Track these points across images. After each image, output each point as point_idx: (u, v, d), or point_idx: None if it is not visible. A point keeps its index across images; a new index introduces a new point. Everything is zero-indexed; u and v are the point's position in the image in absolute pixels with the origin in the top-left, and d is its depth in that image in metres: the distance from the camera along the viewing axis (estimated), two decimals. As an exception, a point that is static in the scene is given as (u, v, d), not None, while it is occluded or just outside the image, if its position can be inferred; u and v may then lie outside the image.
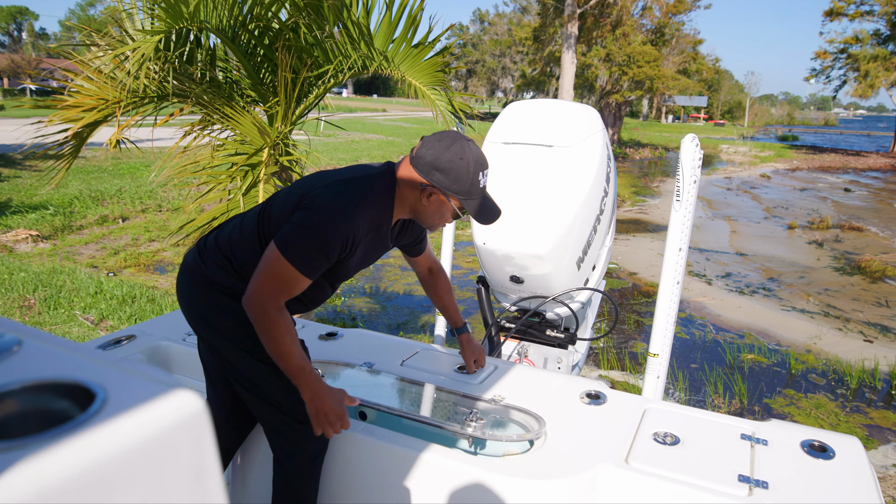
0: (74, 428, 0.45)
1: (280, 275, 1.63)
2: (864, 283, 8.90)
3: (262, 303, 1.62)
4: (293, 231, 1.64)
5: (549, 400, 1.97)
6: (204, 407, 0.51)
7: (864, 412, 4.93)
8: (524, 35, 35.45)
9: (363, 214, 1.68)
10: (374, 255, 1.87)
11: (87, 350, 0.58)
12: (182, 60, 3.20)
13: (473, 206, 1.75)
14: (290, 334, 1.65)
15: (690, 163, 2.40)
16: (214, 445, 0.51)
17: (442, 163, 1.69)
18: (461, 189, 1.70)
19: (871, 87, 33.08)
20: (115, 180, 12.75)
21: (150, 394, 0.50)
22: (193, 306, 1.82)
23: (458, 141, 1.72)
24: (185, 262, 1.86)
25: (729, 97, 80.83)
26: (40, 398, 0.50)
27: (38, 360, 0.56)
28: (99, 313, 5.74)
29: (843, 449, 1.69)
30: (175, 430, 0.48)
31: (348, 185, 1.71)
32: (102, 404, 0.48)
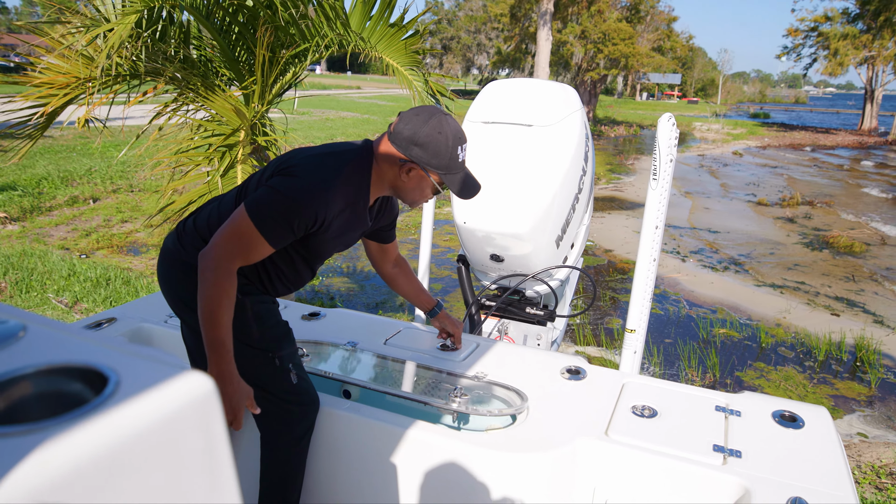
0: (91, 411, 0.47)
1: (241, 234, 1.61)
2: (832, 258, 9.14)
3: (216, 259, 1.61)
4: (264, 193, 1.64)
5: (531, 376, 2.02)
6: (213, 388, 0.52)
7: (831, 383, 5.10)
8: (499, 11, 35.18)
9: (339, 190, 1.67)
10: (352, 234, 1.86)
11: (93, 334, 0.59)
12: (155, 38, 3.14)
13: (453, 181, 1.74)
14: (228, 303, 1.62)
15: (667, 142, 2.44)
16: (224, 425, 0.53)
17: (420, 137, 1.68)
18: (440, 164, 1.70)
19: (840, 65, 33.57)
20: (85, 160, 12.46)
21: (161, 376, 0.51)
22: (175, 290, 1.81)
23: (435, 115, 1.71)
24: (164, 247, 1.85)
25: (702, 75, 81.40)
26: (54, 382, 0.51)
27: (45, 344, 0.57)
28: (73, 296, 5.66)
29: (812, 419, 1.77)
30: (187, 411, 0.50)
31: (328, 160, 1.70)
32: (116, 387, 0.50)
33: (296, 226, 1.62)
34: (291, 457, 1.86)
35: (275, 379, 1.77)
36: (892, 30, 31.69)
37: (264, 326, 1.79)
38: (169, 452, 0.49)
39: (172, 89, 3.42)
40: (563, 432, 1.71)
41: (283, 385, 1.78)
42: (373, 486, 1.83)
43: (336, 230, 1.75)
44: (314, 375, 2.03)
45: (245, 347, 1.74)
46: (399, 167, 1.73)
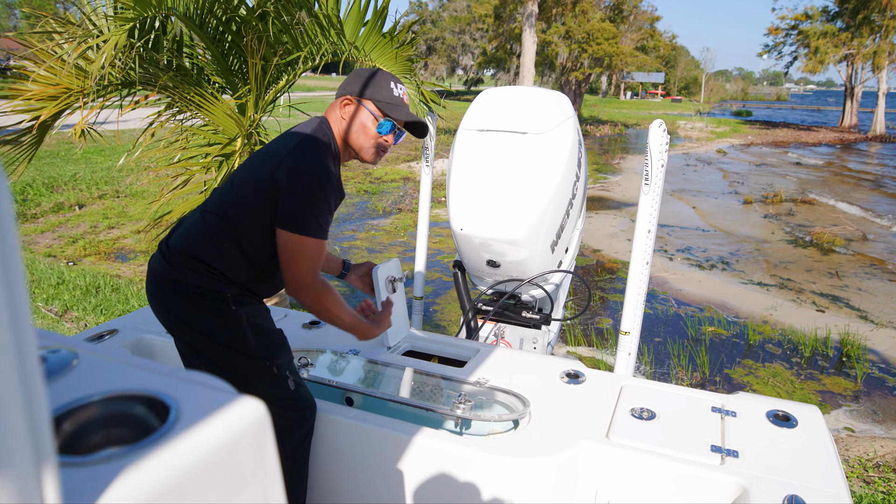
0: (157, 440, 0.50)
1: (309, 253, 1.71)
2: (816, 254, 9.30)
3: (308, 286, 1.73)
4: (299, 209, 1.71)
5: (531, 380, 2.06)
6: (266, 413, 0.56)
7: (818, 379, 5.20)
8: (483, 12, 35.27)
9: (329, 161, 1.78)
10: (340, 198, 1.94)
11: (145, 363, 0.62)
12: (147, 48, 3.14)
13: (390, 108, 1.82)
14: (338, 302, 1.79)
15: (658, 147, 2.49)
16: (275, 448, 0.56)
17: (350, 78, 1.83)
18: (371, 91, 1.81)
19: (820, 62, 34.03)
20: (69, 166, 12.36)
21: (218, 403, 0.54)
22: (168, 310, 1.82)
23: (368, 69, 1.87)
24: (151, 269, 1.85)
25: (685, 73, 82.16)
26: (119, 409, 0.54)
27: (99, 372, 0.60)
28: (63, 304, 5.63)
29: (805, 418, 1.83)
30: (244, 436, 0.53)
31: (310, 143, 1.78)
32: (178, 415, 0.53)
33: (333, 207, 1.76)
34: (293, 462, 1.88)
35: (272, 387, 1.79)
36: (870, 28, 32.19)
37: (260, 335, 1.81)
38: (229, 476, 0.52)
39: (164, 97, 3.43)
40: (565, 436, 1.75)
41: (281, 392, 1.80)
42: (376, 493, 1.87)
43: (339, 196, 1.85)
44: (317, 383, 2.05)
45: (241, 357, 1.77)
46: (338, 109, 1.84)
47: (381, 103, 1.81)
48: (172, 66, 3.20)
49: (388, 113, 1.82)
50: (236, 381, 1.74)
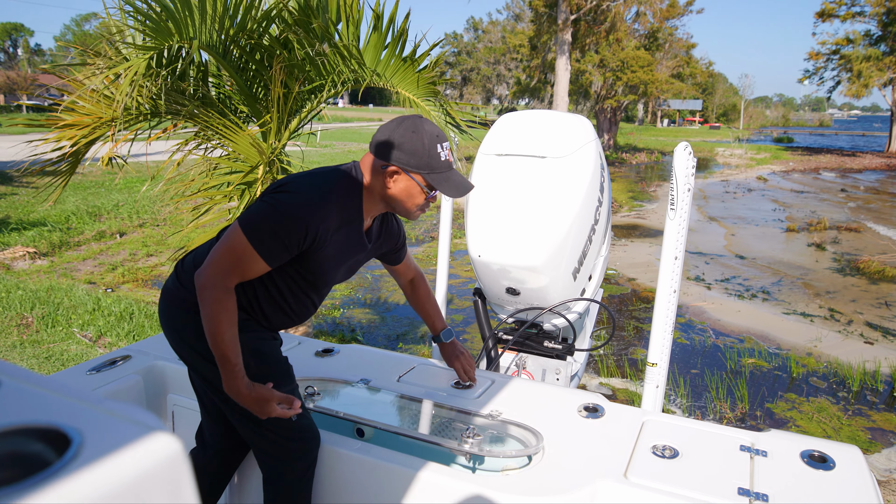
0: (48, 477, 0.44)
1: (235, 249, 1.62)
2: (864, 284, 8.90)
3: (211, 277, 1.61)
4: (256, 206, 1.66)
5: (547, 414, 1.96)
6: (181, 450, 0.50)
7: (867, 415, 4.91)
8: (518, 42, 35.61)
9: (331, 205, 1.67)
10: (352, 257, 1.84)
11: (68, 389, 0.57)
12: (174, 77, 3.20)
13: (439, 180, 1.72)
14: (229, 320, 1.62)
15: (684, 171, 2.39)
16: (193, 488, 0.50)
17: (395, 139, 1.69)
18: (420, 162, 1.69)
19: (864, 87, 33.22)
20: (112, 195, 12.76)
21: (128, 437, 0.49)
22: (175, 330, 1.80)
23: (408, 119, 1.73)
24: (164, 288, 1.85)
25: (723, 100, 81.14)
26: (14, 444, 0.49)
27: (16, 401, 0.55)
28: (97, 330, 5.72)
29: (844, 459, 1.68)
30: (152, 474, 0.47)
31: (319, 178, 1.72)
32: (78, 449, 0.47)
33: (287, 239, 1.62)
34: (294, 495, 1.82)
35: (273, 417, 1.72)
36: (916, 51, 31.34)
37: (262, 364, 1.77)
38: (132, 519, 0.46)
39: (192, 127, 3.49)
40: (580, 474, 1.64)
41: (282, 423, 1.74)
42: (385, 529, 1.78)
43: (333, 250, 1.74)
44: (326, 414, 1.99)
45: None
46: (382, 175, 1.72)
47: (430, 176, 1.71)
48: (198, 95, 3.25)
49: (437, 186, 1.73)
50: (237, 407, 1.69)
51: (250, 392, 1.63)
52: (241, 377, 1.63)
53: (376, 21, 3.13)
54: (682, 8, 30.52)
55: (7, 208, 11.08)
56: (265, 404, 1.64)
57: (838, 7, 33.47)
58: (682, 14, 30.82)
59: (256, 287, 1.76)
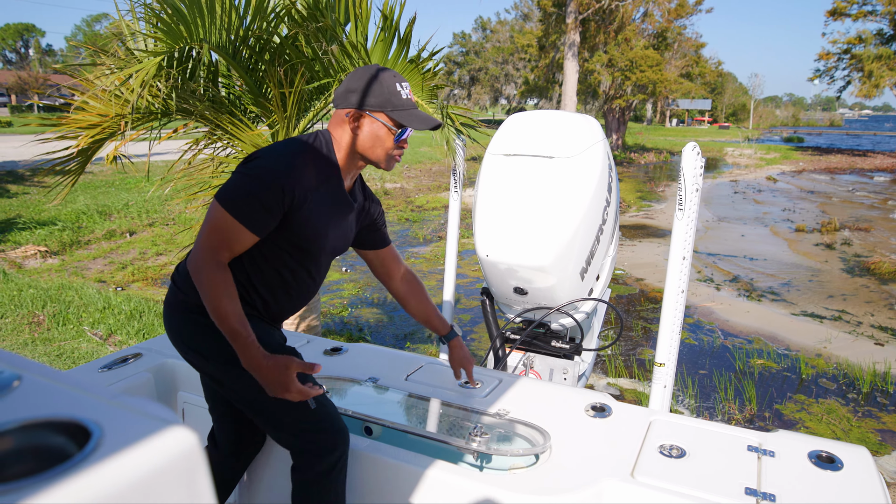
0: (71, 468, 0.46)
1: (218, 225, 1.59)
2: (874, 284, 8.84)
3: (201, 257, 1.58)
4: (231, 179, 1.64)
5: (554, 413, 1.97)
6: (198, 443, 0.51)
7: (877, 417, 4.88)
8: (526, 42, 35.56)
9: (304, 161, 1.65)
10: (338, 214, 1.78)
11: (85, 385, 0.58)
12: (185, 77, 3.23)
13: (402, 116, 1.69)
14: (228, 294, 1.58)
15: (692, 171, 2.39)
16: (209, 480, 0.52)
17: (353, 84, 1.68)
18: (381, 100, 1.66)
19: (875, 86, 32.95)
20: (122, 194, 12.85)
21: (145, 431, 0.50)
22: (179, 335, 1.77)
23: (367, 67, 1.72)
24: (165, 300, 1.82)
25: (733, 99, 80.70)
26: (37, 437, 0.51)
27: (36, 396, 0.56)
28: (107, 328, 5.77)
29: (852, 459, 1.68)
30: (170, 467, 0.49)
31: (290, 141, 1.73)
32: (98, 443, 0.49)
33: (266, 202, 1.58)
34: (325, 491, 1.73)
35: (292, 408, 1.67)
36: (929, 50, 31.07)
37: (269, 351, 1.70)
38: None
39: (202, 126, 3.51)
40: (587, 473, 1.65)
41: (301, 414, 1.68)
42: (393, 527, 1.79)
43: (318, 210, 1.69)
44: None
45: (251, 378, 1.63)
46: (346, 123, 1.70)
47: (394, 113, 1.68)
48: (208, 94, 3.27)
49: (404, 122, 1.69)
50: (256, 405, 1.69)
51: (268, 361, 1.57)
52: (257, 347, 1.58)
53: (384, 22, 3.15)
54: (691, 7, 30.39)
55: (19, 207, 11.18)
56: (284, 373, 1.57)
57: (850, 6, 33.22)
58: (691, 13, 30.69)
59: (250, 272, 1.72)
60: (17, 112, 37.11)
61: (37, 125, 3.79)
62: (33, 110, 36.97)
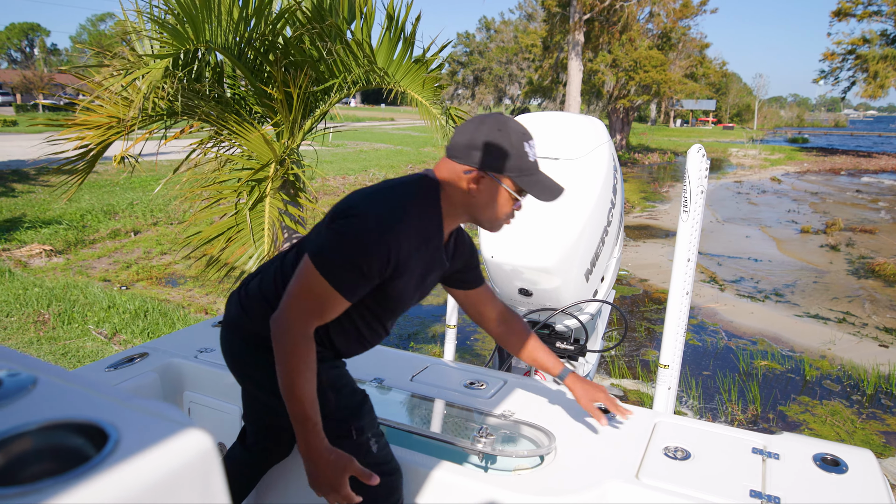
0: (90, 470, 0.47)
1: (312, 290, 1.43)
2: (879, 286, 8.83)
3: (289, 323, 1.44)
4: (328, 239, 1.45)
5: (560, 414, 1.97)
6: (212, 445, 0.52)
7: (881, 419, 4.88)
8: (530, 42, 35.55)
9: (409, 224, 1.46)
10: (430, 278, 1.63)
11: (101, 387, 0.59)
12: (191, 78, 3.24)
13: (530, 183, 1.50)
14: (309, 372, 1.44)
15: (697, 173, 2.39)
16: (223, 482, 0.52)
17: (479, 140, 1.47)
18: (508, 164, 1.47)
19: (880, 87, 32.85)
20: (127, 194, 12.88)
21: (162, 434, 0.51)
22: (242, 366, 1.68)
23: (490, 116, 1.52)
24: (227, 314, 1.69)
25: (737, 100, 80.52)
26: (55, 438, 0.51)
27: (53, 398, 0.57)
28: (112, 327, 5.79)
29: (857, 462, 1.68)
30: (186, 469, 0.50)
31: (389, 193, 1.51)
32: (115, 445, 0.49)
33: (367, 270, 1.42)
34: None
35: (354, 450, 1.57)
36: (934, 51, 30.97)
37: (340, 395, 1.63)
38: (166, 511, 0.48)
39: (208, 127, 3.53)
40: (592, 474, 1.65)
41: (363, 458, 1.59)
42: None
43: (413, 273, 1.53)
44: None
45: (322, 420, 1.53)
46: (465, 181, 1.50)
47: (520, 179, 1.49)
48: (213, 95, 3.29)
49: (529, 190, 1.50)
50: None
51: (329, 455, 1.46)
52: (322, 437, 1.46)
53: (389, 22, 3.16)
54: (695, 7, 30.33)
55: (24, 206, 11.23)
56: (341, 475, 1.45)
57: (855, 6, 33.11)
58: (695, 14, 30.62)
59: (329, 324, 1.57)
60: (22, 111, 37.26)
61: (44, 125, 3.81)
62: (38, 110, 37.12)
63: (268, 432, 1.85)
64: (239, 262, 3.31)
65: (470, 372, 2.29)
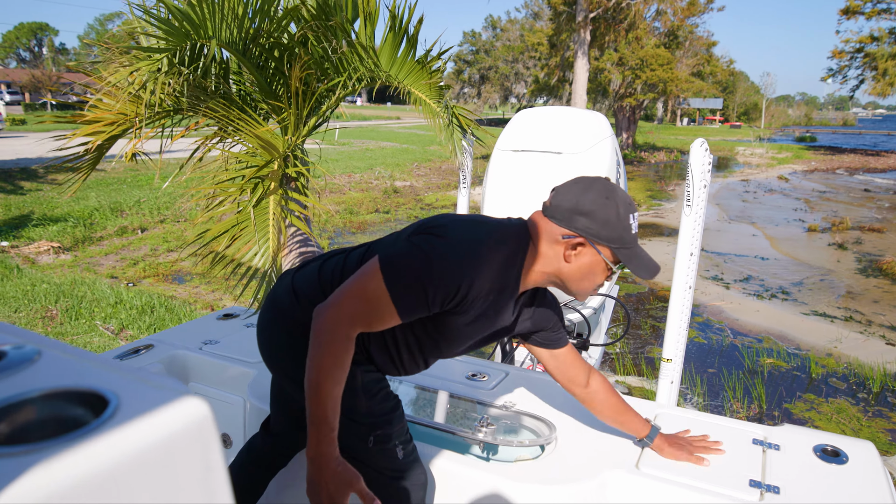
0: (89, 433, 0.48)
1: (368, 294, 1.37)
2: (886, 285, 8.78)
3: (334, 320, 1.36)
4: (405, 248, 1.39)
5: (561, 405, 1.98)
6: (209, 413, 0.53)
7: (887, 417, 4.86)
8: (536, 40, 35.49)
9: (490, 265, 1.38)
10: (489, 326, 1.53)
11: (102, 359, 0.60)
12: (197, 74, 3.26)
13: (630, 256, 1.44)
14: (340, 374, 1.37)
15: (700, 167, 2.40)
16: (220, 449, 0.54)
17: (585, 205, 1.40)
18: (612, 235, 1.40)
19: (889, 85, 32.62)
20: (134, 192, 12.95)
21: (161, 400, 0.52)
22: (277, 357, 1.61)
23: (598, 181, 1.45)
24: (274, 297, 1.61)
25: (745, 99, 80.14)
26: (58, 405, 0.53)
27: (56, 369, 0.59)
28: (119, 323, 5.84)
29: (857, 453, 1.68)
30: (183, 434, 0.51)
31: (482, 228, 1.44)
32: (115, 410, 0.51)
33: (431, 296, 1.36)
34: None
35: (380, 454, 1.55)
36: (944, 49, 30.75)
37: (374, 400, 1.56)
38: (164, 472, 0.49)
39: (213, 123, 3.54)
40: (592, 464, 1.66)
41: (388, 462, 1.57)
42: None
43: (475, 317, 1.46)
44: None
45: (349, 422, 1.49)
46: (563, 245, 1.43)
47: (621, 252, 1.43)
48: (219, 91, 3.31)
49: (628, 264, 1.45)
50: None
51: (336, 466, 1.38)
52: (335, 445, 1.39)
53: (392, 21, 3.17)
54: (702, 6, 30.21)
55: (32, 204, 11.31)
56: (344, 489, 1.37)
57: (864, 4, 32.90)
58: (702, 12, 30.49)
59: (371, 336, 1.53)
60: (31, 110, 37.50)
61: (52, 122, 3.84)
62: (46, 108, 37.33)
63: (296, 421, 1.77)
64: (245, 259, 3.33)
65: (472, 364, 2.31)
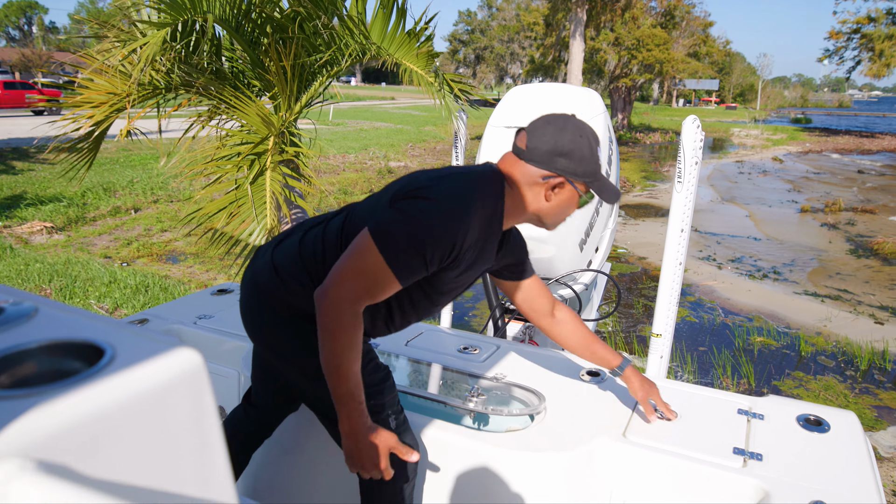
0: (84, 379, 0.50)
1: (367, 269, 1.36)
2: (877, 265, 8.86)
3: (339, 300, 1.35)
4: (395, 217, 1.39)
5: (551, 377, 2.02)
6: (202, 362, 0.55)
7: (874, 393, 4.93)
8: (532, 20, 35.22)
9: (479, 217, 1.41)
10: (474, 273, 1.57)
11: (98, 316, 0.62)
12: (188, 51, 3.24)
13: (601, 188, 1.50)
14: (356, 350, 1.38)
15: (691, 144, 2.42)
16: (212, 396, 0.56)
17: (564, 146, 1.44)
18: (587, 170, 1.46)
19: (885, 66, 32.59)
20: (127, 171, 12.88)
21: (154, 351, 0.54)
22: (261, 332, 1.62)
23: (570, 119, 1.50)
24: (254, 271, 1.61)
25: (741, 80, 79.88)
26: (55, 356, 0.55)
27: (53, 323, 0.61)
28: (113, 302, 5.85)
29: (839, 423, 1.72)
30: (176, 383, 0.53)
31: (461, 180, 1.45)
32: (110, 360, 0.53)
33: (429, 257, 1.37)
34: None
35: None
36: (940, 30, 30.66)
37: (364, 371, 1.53)
38: (158, 420, 0.52)
39: (206, 101, 3.53)
40: (580, 433, 1.70)
41: None
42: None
43: (466, 267, 1.49)
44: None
45: None
46: (544, 186, 1.47)
47: (591, 182, 1.49)
48: (211, 68, 3.29)
49: (598, 193, 1.51)
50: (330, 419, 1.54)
51: (370, 434, 1.41)
52: (366, 415, 1.42)
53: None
54: (699, -15, 29.94)
55: (24, 184, 11.24)
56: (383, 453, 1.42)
57: (861, -16, 32.71)
58: (699, -9, 30.24)
59: None
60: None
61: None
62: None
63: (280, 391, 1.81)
64: (242, 237, 3.34)
65: (464, 338, 2.34)
